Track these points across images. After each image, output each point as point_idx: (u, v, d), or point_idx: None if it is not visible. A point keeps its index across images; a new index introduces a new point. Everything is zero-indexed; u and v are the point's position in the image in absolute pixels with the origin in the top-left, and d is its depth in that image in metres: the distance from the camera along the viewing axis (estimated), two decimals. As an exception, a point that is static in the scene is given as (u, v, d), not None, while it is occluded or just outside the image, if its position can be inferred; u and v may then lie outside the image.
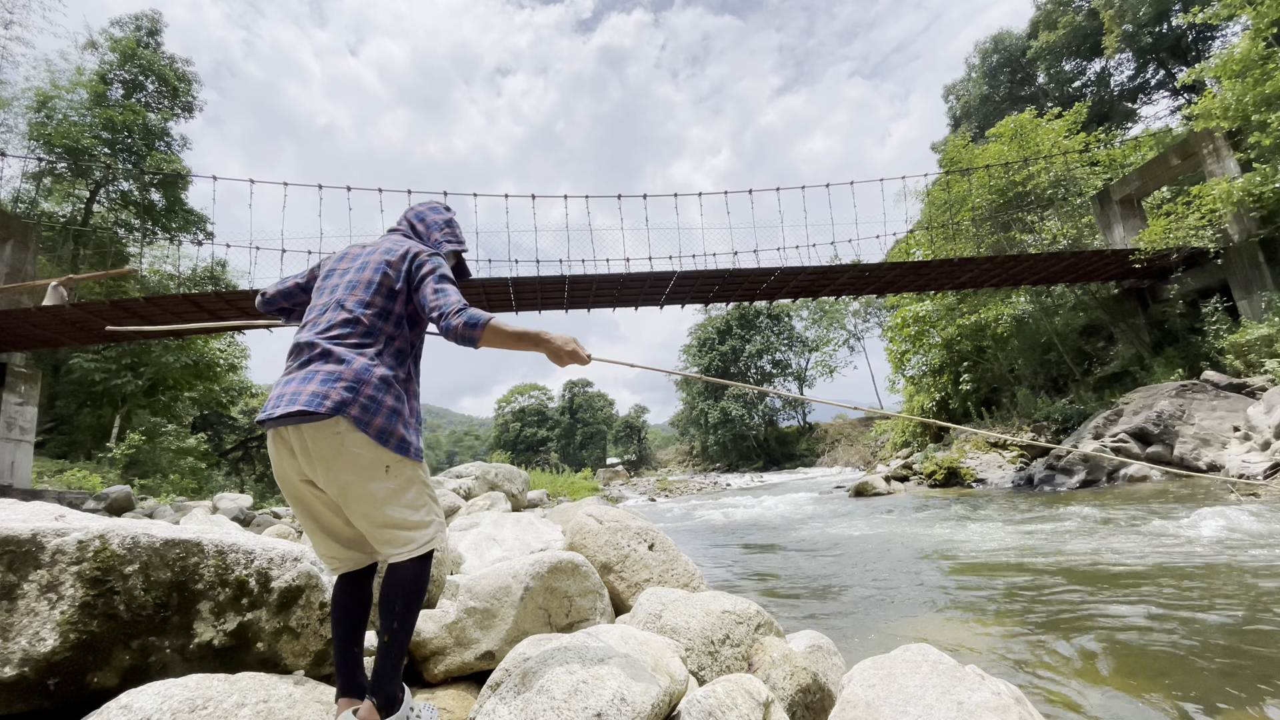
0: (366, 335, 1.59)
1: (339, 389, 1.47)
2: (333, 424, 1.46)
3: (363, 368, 1.53)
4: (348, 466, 1.48)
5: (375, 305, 1.63)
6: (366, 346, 1.58)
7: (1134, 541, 5.30)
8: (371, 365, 1.55)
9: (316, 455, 1.48)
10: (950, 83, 39.01)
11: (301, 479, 1.54)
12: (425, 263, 1.68)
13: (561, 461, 48.42)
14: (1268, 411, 9.35)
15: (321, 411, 1.44)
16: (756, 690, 1.64)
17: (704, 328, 51.15)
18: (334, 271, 1.75)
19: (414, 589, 1.54)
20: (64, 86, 21.83)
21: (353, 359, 1.53)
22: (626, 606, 2.81)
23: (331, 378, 1.49)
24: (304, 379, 1.50)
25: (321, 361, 1.53)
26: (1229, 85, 12.92)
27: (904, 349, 24.52)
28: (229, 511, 11.05)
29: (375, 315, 1.62)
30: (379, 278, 1.66)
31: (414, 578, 1.55)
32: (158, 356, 21.52)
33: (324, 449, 1.47)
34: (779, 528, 8.86)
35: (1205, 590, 3.64)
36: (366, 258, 1.72)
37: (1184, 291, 15.53)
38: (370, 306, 1.63)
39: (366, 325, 1.60)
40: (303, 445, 1.48)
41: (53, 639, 1.50)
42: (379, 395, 1.52)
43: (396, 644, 1.51)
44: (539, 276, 14.99)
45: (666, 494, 21.53)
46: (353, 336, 1.58)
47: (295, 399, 1.45)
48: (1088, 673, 2.62)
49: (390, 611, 1.51)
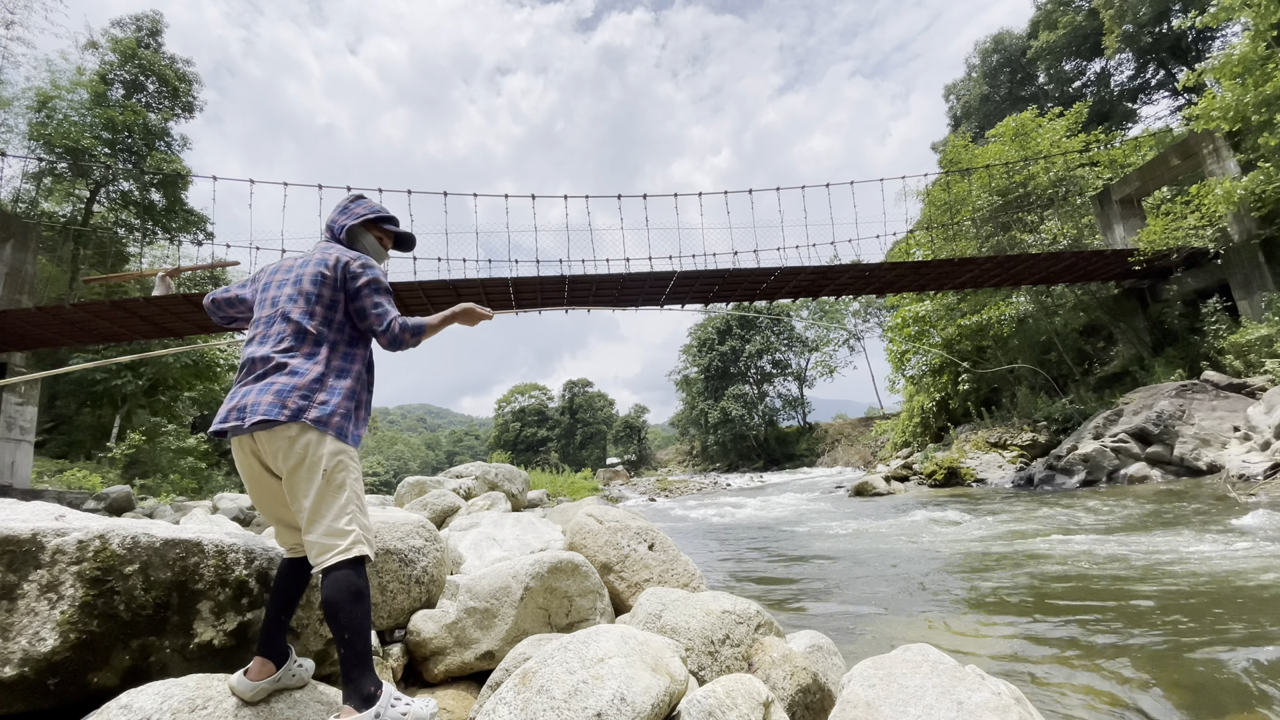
0: (316, 344, 1.74)
1: (295, 397, 1.63)
2: (286, 429, 1.62)
3: (316, 376, 1.69)
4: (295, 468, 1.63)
5: (318, 314, 1.76)
6: (316, 354, 1.72)
7: (1134, 541, 5.30)
8: (324, 372, 1.71)
9: (273, 457, 1.65)
10: (950, 82, 39.01)
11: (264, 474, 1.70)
12: (359, 275, 1.80)
13: (561, 461, 48.37)
14: (1268, 411, 9.35)
15: (281, 419, 1.60)
16: (756, 690, 1.64)
17: (704, 327, 51.12)
18: (270, 284, 1.86)
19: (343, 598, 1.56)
20: (64, 86, 21.82)
21: (306, 369, 1.68)
22: (626, 606, 2.81)
23: (287, 388, 1.64)
24: (261, 390, 1.64)
25: (276, 374, 1.67)
26: (1229, 87, 12.92)
27: (904, 349, 24.51)
28: (229, 511, 11.05)
29: (320, 323, 1.76)
30: (315, 288, 1.77)
31: (340, 587, 1.57)
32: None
33: (281, 451, 1.63)
34: (779, 528, 8.86)
35: (1205, 590, 3.64)
36: (300, 270, 1.82)
37: (1184, 291, 15.53)
38: (313, 316, 1.76)
39: (314, 334, 1.74)
40: (265, 449, 1.66)
41: (53, 639, 1.50)
42: (330, 398, 1.68)
43: (351, 650, 1.53)
44: (539, 276, 14.99)
45: (666, 494, 21.53)
46: (304, 346, 1.72)
47: (255, 409, 1.61)
48: (1088, 673, 2.62)
49: (334, 621, 1.54)
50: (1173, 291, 15.71)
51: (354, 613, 1.54)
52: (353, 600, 1.55)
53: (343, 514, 1.61)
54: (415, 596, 2.38)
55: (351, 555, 1.57)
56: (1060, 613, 3.48)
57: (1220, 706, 2.22)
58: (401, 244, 2.13)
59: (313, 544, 1.59)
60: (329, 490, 1.61)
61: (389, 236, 2.08)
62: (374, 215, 2.01)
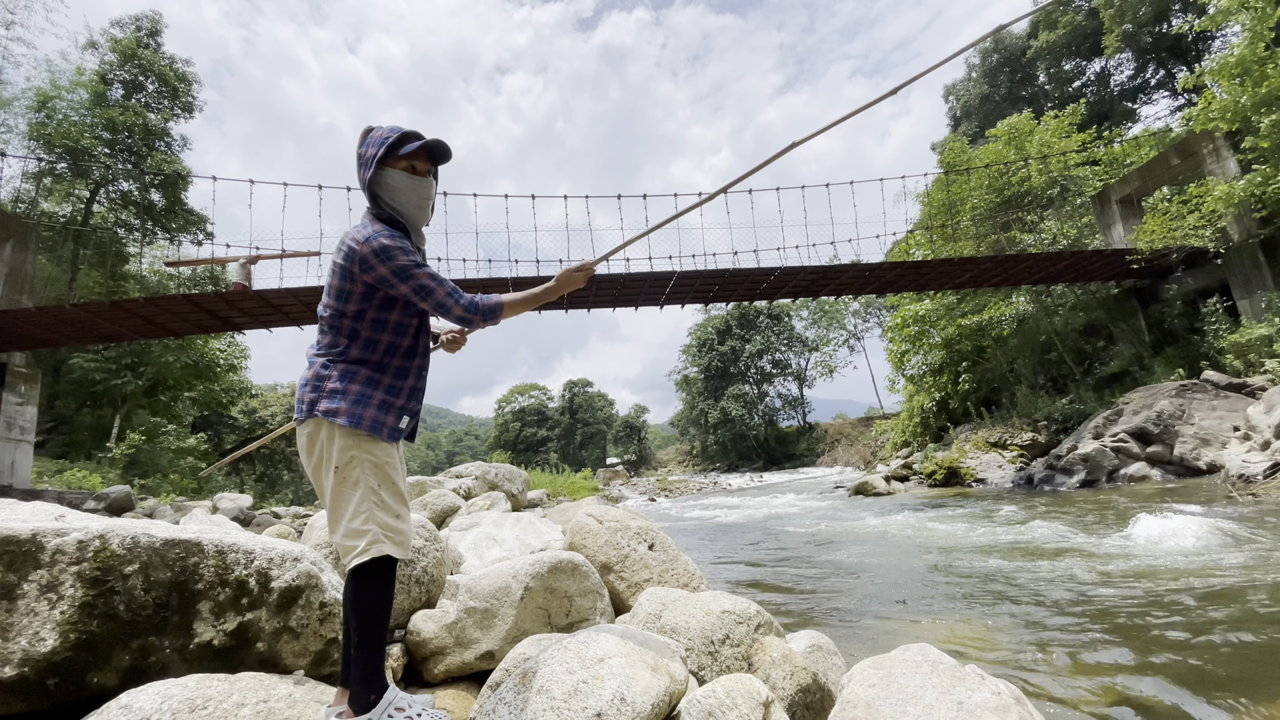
0: (336, 334, 1.67)
1: (308, 391, 1.63)
2: (305, 426, 1.64)
3: (326, 364, 1.64)
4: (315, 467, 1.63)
5: (333, 307, 1.69)
6: (336, 345, 1.67)
7: (1134, 542, 5.30)
8: (335, 361, 1.65)
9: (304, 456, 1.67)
10: (950, 82, 39.00)
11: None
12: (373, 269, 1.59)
13: (561, 461, 48.36)
14: (1268, 411, 9.35)
15: (302, 417, 1.63)
16: (756, 690, 1.64)
17: (704, 327, 51.13)
18: None
19: (358, 601, 1.52)
20: (64, 87, 21.83)
21: (321, 362, 1.66)
22: (626, 606, 2.81)
23: (304, 382, 1.65)
24: (299, 386, 1.67)
25: (307, 370, 1.68)
26: (1228, 88, 12.92)
27: (904, 349, 24.51)
28: (229, 511, 11.06)
29: (335, 315, 1.68)
30: (335, 280, 1.68)
31: (357, 589, 1.53)
32: (158, 356, 21.52)
33: (304, 449, 1.65)
34: (779, 528, 8.86)
35: (1206, 590, 3.64)
36: (331, 260, 1.74)
37: (1184, 291, 15.53)
38: (331, 308, 1.69)
39: (333, 325, 1.68)
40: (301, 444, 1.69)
41: (53, 639, 1.50)
42: (343, 386, 1.61)
43: (360, 652, 1.52)
44: (539, 277, 15.00)
45: (666, 494, 21.53)
46: (326, 337, 1.69)
47: (297, 408, 1.66)
48: (1088, 673, 2.62)
49: (347, 622, 1.55)
50: (1172, 291, 15.71)
51: (367, 616, 1.52)
52: (365, 604, 1.51)
53: (358, 513, 1.53)
54: (415, 596, 2.38)
55: (369, 556, 1.50)
56: (1061, 612, 3.48)
57: (1223, 705, 2.22)
58: (436, 156, 1.76)
59: (336, 546, 1.56)
60: (343, 488, 1.56)
61: (419, 157, 1.71)
62: (386, 148, 1.66)
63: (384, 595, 1.54)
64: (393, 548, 1.54)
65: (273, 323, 15.08)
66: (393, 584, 1.58)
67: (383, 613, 1.53)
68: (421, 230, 1.81)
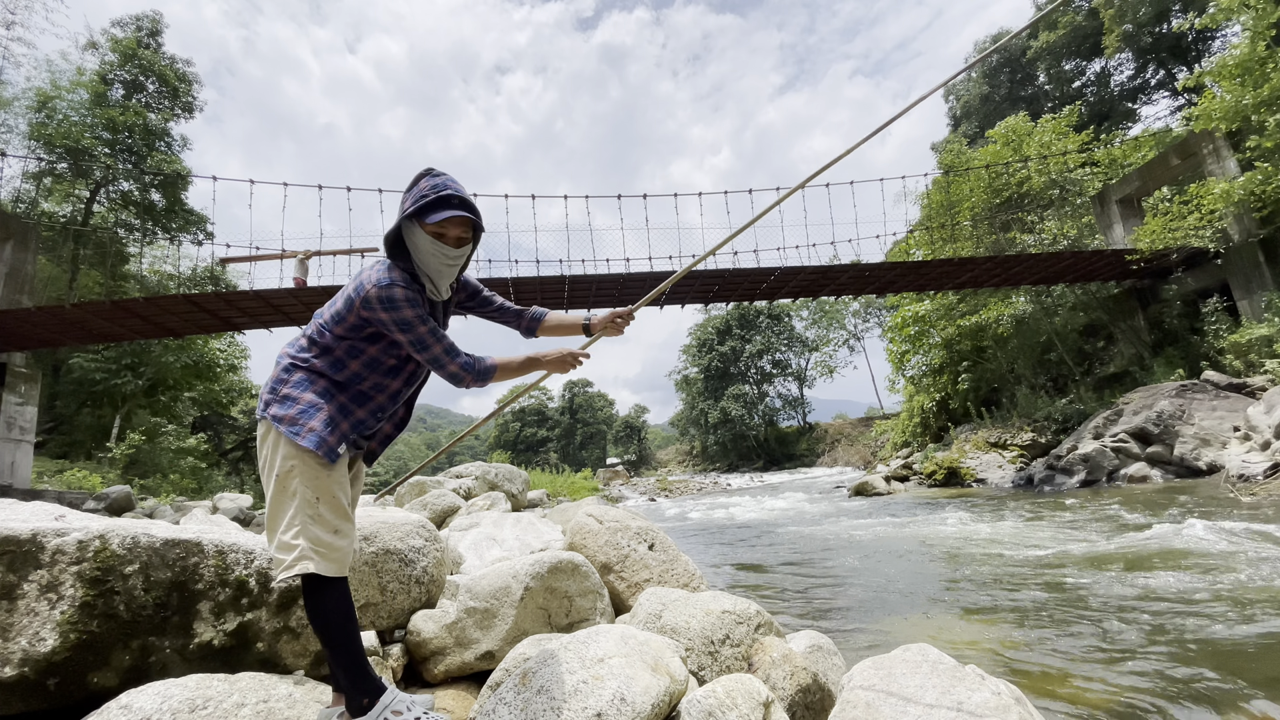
0: (310, 344, 1.66)
1: (267, 391, 1.61)
2: (260, 426, 1.61)
3: (287, 369, 1.62)
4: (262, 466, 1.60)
5: (324, 318, 1.67)
6: (305, 352, 1.65)
7: (1134, 542, 5.30)
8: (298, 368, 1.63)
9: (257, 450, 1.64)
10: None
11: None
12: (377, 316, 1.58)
13: (561, 461, 48.38)
14: (1268, 411, 9.35)
15: (258, 415, 1.61)
16: (756, 690, 1.64)
17: (704, 327, 51.11)
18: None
19: (309, 613, 1.48)
20: (65, 87, 21.82)
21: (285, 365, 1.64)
22: (626, 606, 2.81)
23: (266, 382, 1.64)
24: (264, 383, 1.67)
25: (275, 365, 1.67)
26: (1228, 88, 12.92)
27: (904, 349, 24.51)
28: (229, 511, 11.07)
29: (322, 326, 1.66)
30: (340, 304, 1.64)
31: (306, 601, 1.49)
32: (158, 356, 21.51)
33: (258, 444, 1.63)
34: (779, 527, 8.86)
35: (1206, 590, 3.64)
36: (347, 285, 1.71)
37: (1184, 291, 15.52)
38: (321, 317, 1.68)
39: (316, 331, 1.67)
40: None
41: (53, 639, 1.50)
42: (295, 393, 1.59)
43: (333, 661, 1.51)
44: (539, 277, 15.00)
45: (666, 494, 21.52)
46: (300, 340, 1.68)
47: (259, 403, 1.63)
48: (1088, 673, 2.62)
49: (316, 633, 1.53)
50: (1172, 291, 15.70)
51: (323, 629, 1.48)
52: (315, 617, 1.48)
53: (290, 525, 1.48)
54: (415, 596, 2.38)
55: (293, 573, 1.44)
56: (1061, 612, 3.48)
57: (1223, 705, 2.22)
58: (474, 230, 1.69)
59: (270, 556, 1.54)
60: (281, 497, 1.51)
61: (450, 226, 1.61)
62: (413, 208, 1.60)
63: (332, 606, 1.48)
64: (322, 564, 1.46)
65: (273, 323, 15.10)
66: (341, 595, 1.51)
67: (338, 622, 1.48)
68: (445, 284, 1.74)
